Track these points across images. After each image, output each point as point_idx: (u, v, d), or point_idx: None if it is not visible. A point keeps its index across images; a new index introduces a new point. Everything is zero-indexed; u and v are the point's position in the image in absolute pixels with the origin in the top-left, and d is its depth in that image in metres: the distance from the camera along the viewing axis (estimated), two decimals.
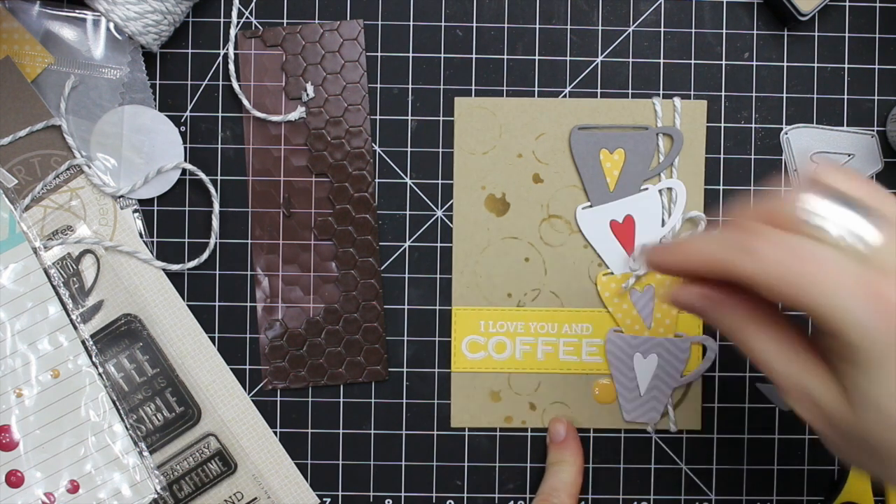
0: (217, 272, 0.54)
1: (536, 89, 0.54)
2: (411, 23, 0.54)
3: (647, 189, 0.53)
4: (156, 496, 0.53)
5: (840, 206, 0.35)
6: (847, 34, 0.54)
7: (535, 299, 0.54)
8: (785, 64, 0.54)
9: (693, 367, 0.54)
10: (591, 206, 0.54)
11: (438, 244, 0.54)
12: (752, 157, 0.54)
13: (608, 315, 0.54)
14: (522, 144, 0.54)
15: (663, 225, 0.54)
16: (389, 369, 0.54)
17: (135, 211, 0.54)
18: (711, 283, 0.38)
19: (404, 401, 0.54)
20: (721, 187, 0.54)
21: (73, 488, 0.52)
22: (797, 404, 0.37)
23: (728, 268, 0.36)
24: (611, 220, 0.53)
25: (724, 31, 0.54)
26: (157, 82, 0.54)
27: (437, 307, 0.54)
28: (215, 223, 0.53)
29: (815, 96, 0.54)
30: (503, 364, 0.54)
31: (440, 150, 0.54)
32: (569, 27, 0.54)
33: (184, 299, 0.54)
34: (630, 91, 0.54)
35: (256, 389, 0.54)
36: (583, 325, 0.54)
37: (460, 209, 0.54)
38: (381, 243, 0.54)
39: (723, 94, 0.54)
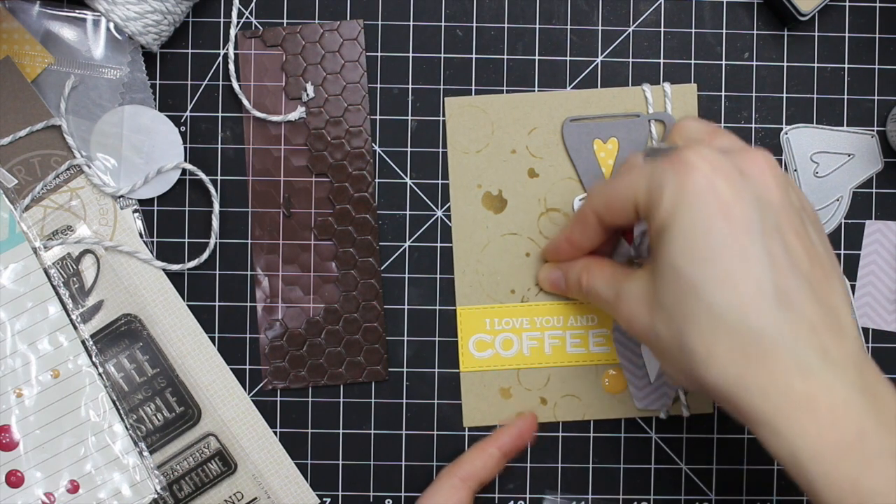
0: (217, 272, 0.54)
1: (536, 90, 0.54)
2: (411, 23, 0.54)
3: None
4: (156, 496, 0.53)
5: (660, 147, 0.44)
6: (847, 34, 0.54)
7: (538, 294, 0.54)
8: (785, 64, 0.54)
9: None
10: None
11: (438, 244, 0.54)
12: None
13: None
14: (515, 140, 0.54)
15: None
16: (389, 369, 0.54)
17: (135, 211, 0.54)
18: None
19: (404, 401, 0.54)
20: None
21: (73, 488, 0.52)
22: (616, 306, 0.45)
23: (581, 217, 0.48)
24: None
25: (724, 31, 0.54)
26: (157, 82, 0.54)
27: (438, 307, 0.54)
28: (215, 223, 0.53)
29: (815, 96, 0.54)
30: (511, 361, 0.54)
31: (440, 150, 0.54)
32: (569, 27, 0.54)
33: (184, 299, 0.54)
34: None
35: (256, 389, 0.54)
36: (588, 315, 0.54)
37: (458, 209, 0.54)
38: (381, 243, 0.54)
39: (723, 94, 0.54)
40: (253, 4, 0.54)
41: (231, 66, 0.53)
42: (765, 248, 0.39)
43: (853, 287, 0.54)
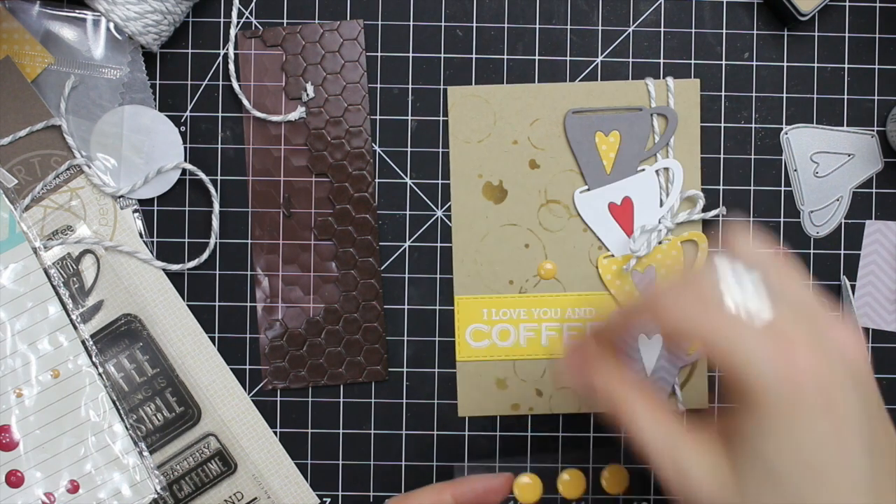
0: (217, 272, 0.54)
1: None
2: (411, 23, 0.54)
3: (643, 170, 0.54)
4: (156, 496, 0.53)
5: (740, 279, 0.37)
6: (847, 34, 0.54)
7: (536, 285, 0.54)
8: (785, 64, 0.54)
9: (698, 345, 0.53)
10: (588, 190, 0.54)
11: (438, 244, 0.54)
12: (752, 157, 0.54)
13: (610, 297, 0.54)
14: (517, 131, 0.54)
15: (661, 205, 0.54)
16: (389, 369, 0.54)
17: (135, 211, 0.54)
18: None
19: (404, 401, 0.54)
20: (721, 187, 0.54)
21: (73, 488, 0.52)
22: (676, 478, 0.37)
23: (640, 314, 0.39)
24: (609, 203, 0.54)
25: (724, 31, 0.54)
26: (157, 82, 0.54)
27: (437, 307, 0.54)
28: (215, 223, 0.53)
29: (815, 96, 0.54)
30: (508, 351, 0.54)
31: (440, 149, 0.54)
32: (569, 27, 0.54)
33: (184, 299, 0.54)
34: None
35: (256, 389, 0.54)
36: (585, 308, 0.54)
37: (458, 199, 0.54)
38: (381, 243, 0.54)
39: (723, 94, 0.54)
40: (253, 4, 0.54)
41: (231, 66, 0.53)
42: (865, 443, 0.35)
43: (853, 287, 0.54)
